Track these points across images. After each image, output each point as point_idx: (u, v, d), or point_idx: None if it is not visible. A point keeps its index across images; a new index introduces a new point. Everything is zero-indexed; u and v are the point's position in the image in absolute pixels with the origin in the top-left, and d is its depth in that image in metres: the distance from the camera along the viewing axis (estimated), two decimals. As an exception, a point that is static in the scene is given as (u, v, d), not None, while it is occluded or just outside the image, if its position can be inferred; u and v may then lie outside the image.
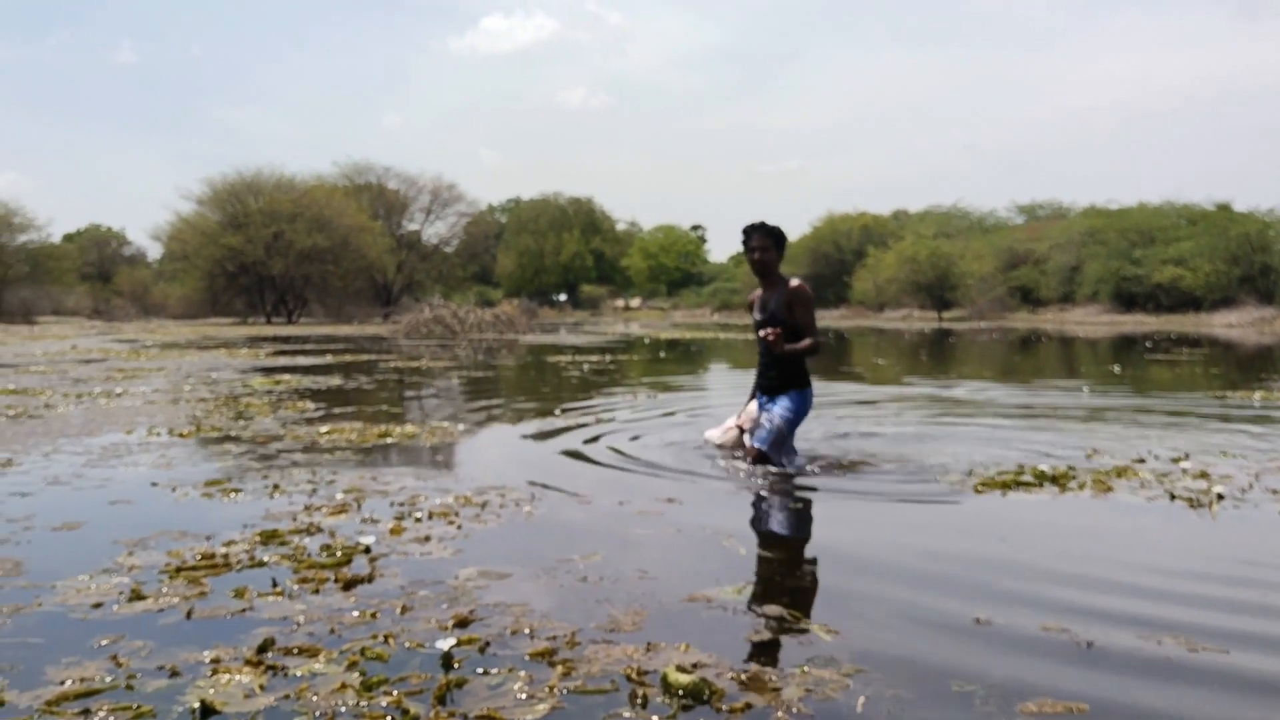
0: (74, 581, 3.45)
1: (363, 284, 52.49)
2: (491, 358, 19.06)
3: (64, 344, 23.48)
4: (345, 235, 48.13)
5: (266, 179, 49.60)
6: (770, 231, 5.91)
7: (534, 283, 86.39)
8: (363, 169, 58.48)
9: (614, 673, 2.61)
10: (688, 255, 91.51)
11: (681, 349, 22.85)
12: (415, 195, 59.28)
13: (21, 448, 6.74)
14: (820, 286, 64.58)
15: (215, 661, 2.67)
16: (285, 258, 46.64)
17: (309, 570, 3.56)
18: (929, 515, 4.70)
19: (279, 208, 47.45)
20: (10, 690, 2.45)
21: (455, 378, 13.82)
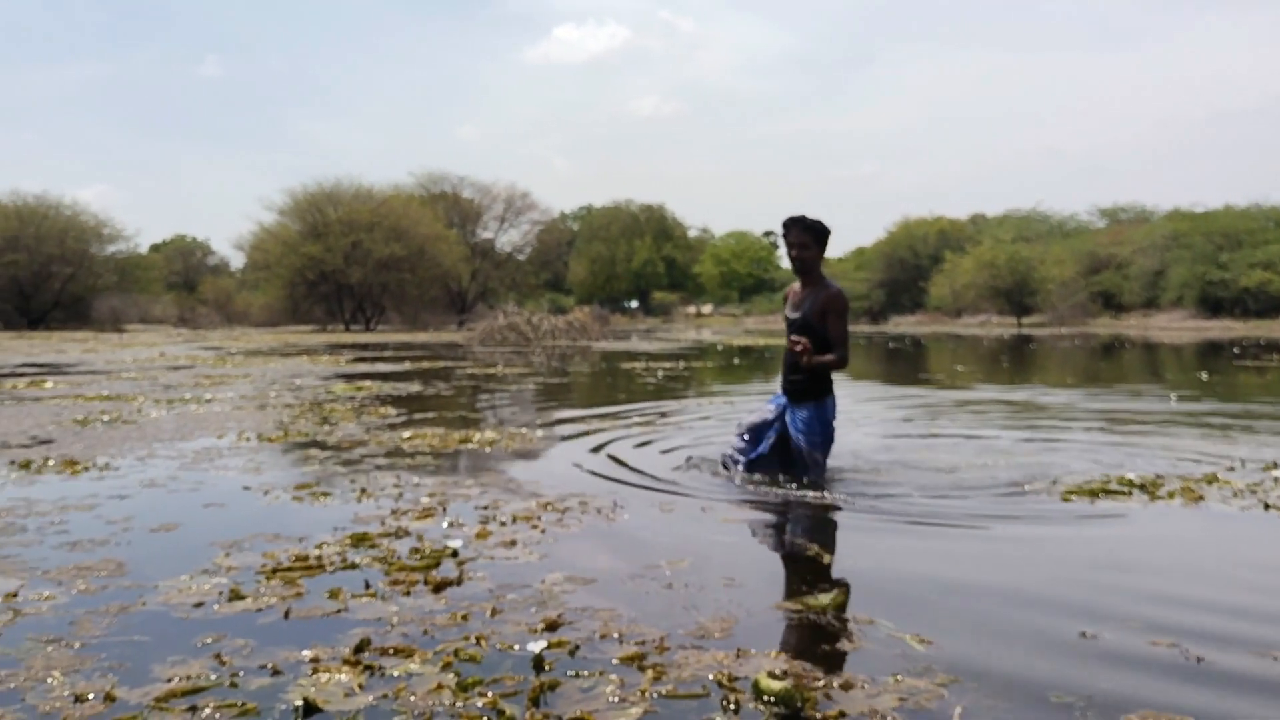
0: (175, 581, 3.56)
1: (438, 292, 53.21)
2: (566, 364, 19.20)
3: (152, 351, 24.20)
4: (421, 244, 48.85)
5: (345, 189, 50.60)
6: (810, 227, 5.50)
7: (606, 289, 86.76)
8: (438, 178, 59.38)
9: (704, 678, 2.61)
10: (760, 261, 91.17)
11: (755, 356, 22.77)
12: (489, 204, 60.00)
13: (118, 452, 6.97)
14: (895, 292, 63.92)
15: (314, 660, 2.73)
16: (363, 266, 47.49)
17: (400, 572, 3.63)
18: (1020, 527, 4.62)
19: (357, 217, 48.35)
20: (120, 687, 2.54)
21: (531, 384, 13.95)
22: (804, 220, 5.52)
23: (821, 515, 4.71)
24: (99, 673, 2.65)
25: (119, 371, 16.19)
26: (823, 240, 5.55)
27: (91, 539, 4.28)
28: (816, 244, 5.53)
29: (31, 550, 4.08)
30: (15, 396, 11.43)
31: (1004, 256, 52.92)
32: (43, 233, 47.62)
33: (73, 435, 7.87)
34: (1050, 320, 49.62)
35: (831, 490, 5.29)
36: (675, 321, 70.53)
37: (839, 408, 5.70)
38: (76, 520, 4.71)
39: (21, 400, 10.94)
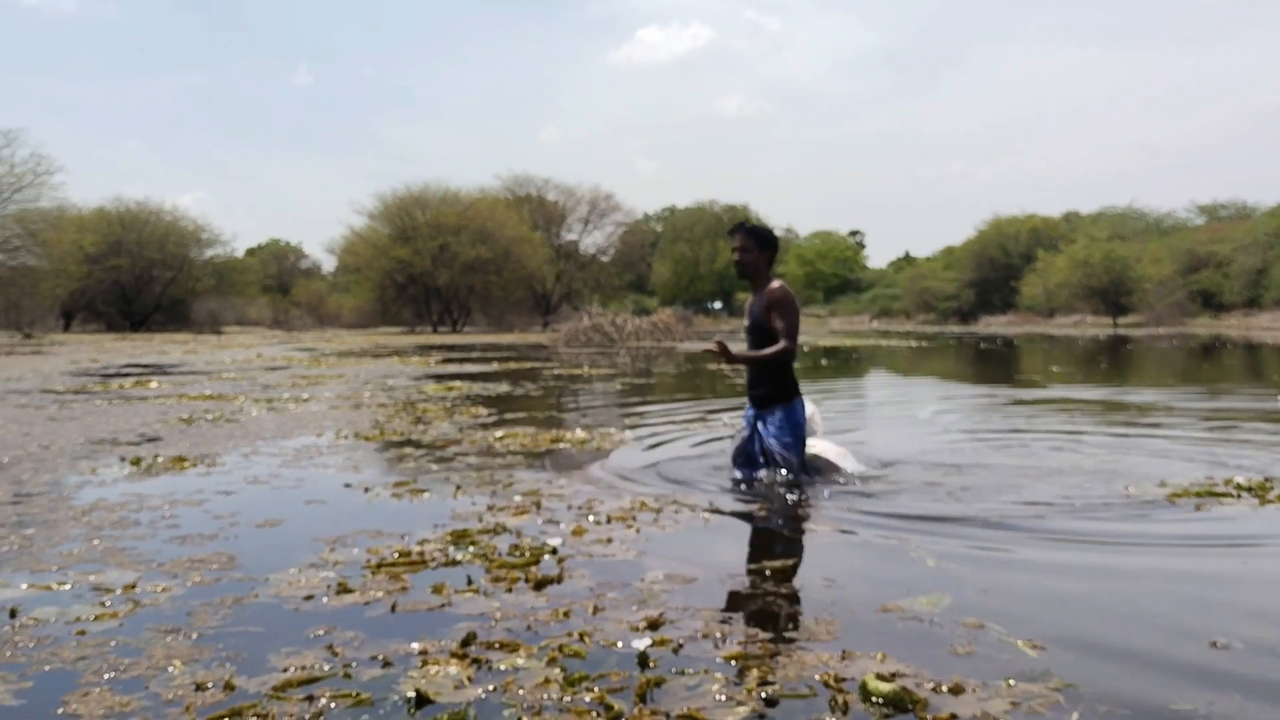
0: (284, 575, 3.66)
1: (523, 293, 53.76)
2: (651, 365, 19.24)
3: (249, 352, 24.89)
4: (507, 246, 49.41)
5: (433, 193, 51.42)
6: (752, 231, 5.56)
7: (689, 291, 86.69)
8: (523, 181, 59.96)
9: (810, 679, 2.59)
10: (845, 261, 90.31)
11: (842, 357, 22.54)
12: (574, 206, 60.39)
13: (223, 449, 7.18)
14: (986, 292, 62.68)
15: (423, 653, 2.78)
16: (450, 269, 48.21)
17: (500, 569, 3.67)
18: (1129, 527, 4.49)
19: (445, 220, 49.11)
20: (239, 676, 2.61)
21: (618, 385, 14.00)
22: (745, 225, 5.62)
23: (919, 521, 4.63)
24: (217, 662, 2.73)
25: (219, 372, 16.69)
26: (766, 244, 5.56)
27: (201, 533, 4.41)
28: (759, 248, 5.53)
29: (146, 544, 4.22)
30: (123, 396, 11.85)
31: (1099, 255, 51.54)
32: (144, 238, 49.28)
33: (179, 433, 8.14)
34: (1147, 320, 48.17)
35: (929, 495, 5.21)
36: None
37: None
38: (186, 515, 4.86)
39: (129, 400, 11.34)
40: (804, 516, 4.68)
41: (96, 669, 2.68)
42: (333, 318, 57.81)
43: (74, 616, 3.16)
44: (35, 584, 3.55)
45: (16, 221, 37.33)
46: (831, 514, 4.71)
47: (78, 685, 2.56)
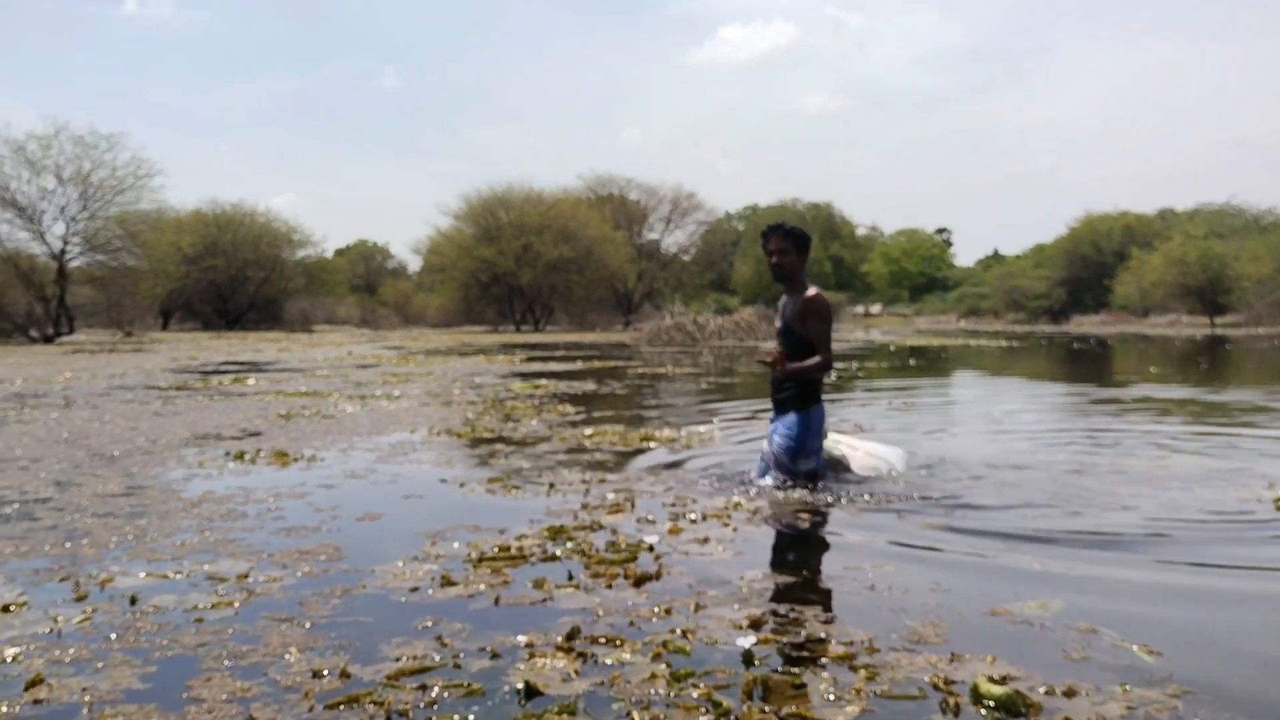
0: (389, 567, 3.73)
1: (605, 293, 53.96)
2: (735, 364, 19.17)
3: (340, 350, 25.42)
4: (589, 246, 49.64)
5: (517, 193, 51.90)
6: (789, 233, 5.40)
7: (770, 290, 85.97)
8: (605, 181, 60.17)
9: (919, 680, 2.56)
10: (932, 260, 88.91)
11: (930, 356, 22.21)
12: (655, 205, 60.42)
13: (321, 445, 7.35)
14: (1077, 290, 61.12)
15: (529, 646, 2.81)
16: (533, 268, 48.61)
17: (599, 565, 3.70)
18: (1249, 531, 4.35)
19: (528, 220, 49.53)
20: (353, 664, 2.68)
21: (704, 383, 13.99)
22: (783, 227, 5.46)
23: (1023, 524, 4.54)
24: (331, 650, 2.80)
25: (312, 369, 17.08)
26: (804, 246, 5.44)
27: (305, 525, 4.53)
28: (796, 250, 5.41)
29: (254, 535, 4.35)
30: (223, 392, 12.20)
31: (1195, 253, 49.87)
32: (239, 239, 50.58)
33: (279, 429, 8.35)
34: (1246, 320, 46.44)
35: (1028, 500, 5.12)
36: (842, 322, 69.35)
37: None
38: (290, 508, 4.99)
39: (229, 396, 11.68)
40: (903, 520, 4.61)
41: (216, 655, 2.77)
42: (418, 317, 58.69)
43: (191, 604, 3.27)
44: (153, 572, 3.69)
45: (118, 223, 38.51)
46: (937, 518, 4.65)
47: (199, 671, 2.65)
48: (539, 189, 52.98)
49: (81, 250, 37.67)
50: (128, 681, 2.58)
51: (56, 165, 36.36)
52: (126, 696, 2.48)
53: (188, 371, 16.73)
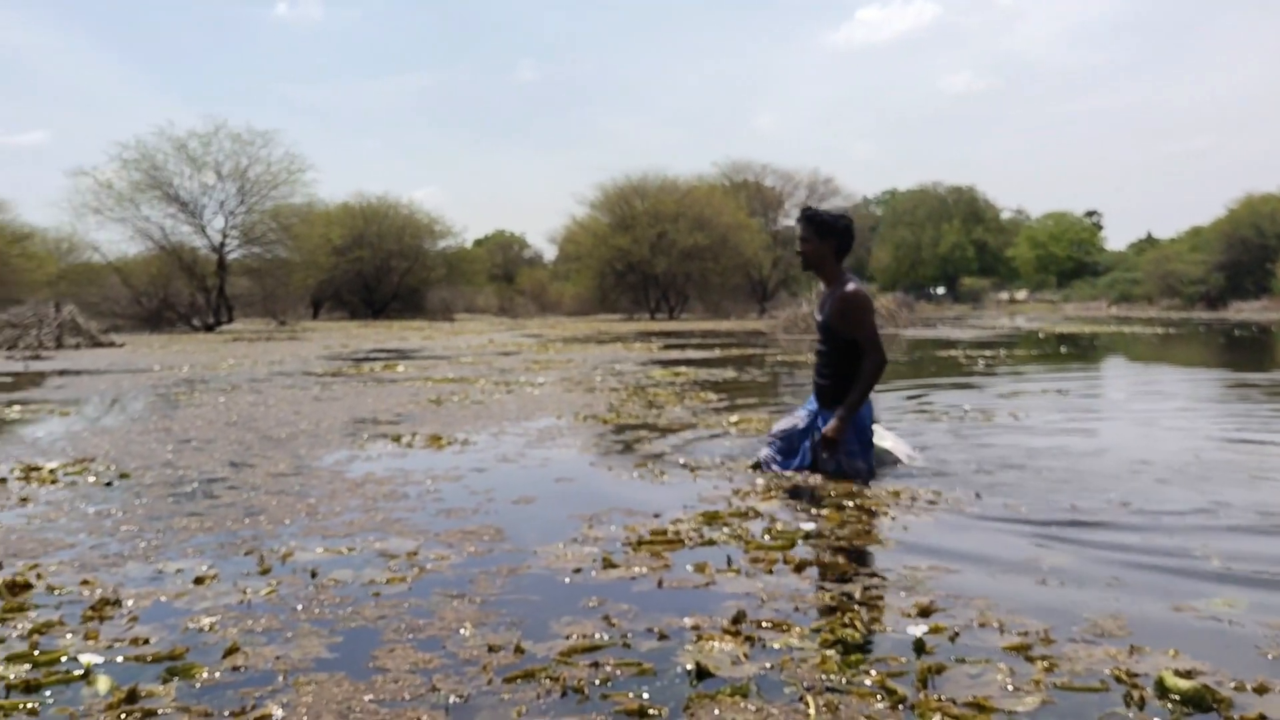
0: (551, 548, 3.81)
1: (739, 280, 53.79)
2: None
3: (481, 338, 26.02)
4: (724, 233, 49.55)
5: (652, 181, 52.16)
6: (811, 219, 5.14)
7: (910, 276, 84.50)
8: (740, 167, 59.96)
9: (1100, 673, 2.48)
10: (1081, 244, 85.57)
11: (1082, 344, 21.39)
12: (791, 191, 59.90)
13: (473, 429, 7.54)
14: (1237, 275, 57.91)
15: (695, 628, 2.83)
16: (668, 256, 48.82)
17: (758, 551, 3.70)
18: None
19: (663, 209, 49.75)
20: (526, 640, 2.75)
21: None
22: (806, 212, 5.21)
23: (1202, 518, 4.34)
24: (504, 626, 2.88)
25: (456, 356, 17.53)
26: (826, 233, 5.15)
27: (463, 507, 4.65)
28: (818, 237, 5.15)
29: (417, 515, 4.49)
30: (375, 379, 12.64)
31: (1370, 234, 46.68)
32: (384, 230, 52.28)
33: (431, 413, 8.61)
34: None
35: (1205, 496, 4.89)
36: (986, 308, 67.43)
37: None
38: (448, 490, 5.13)
39: (381, 382, 12.09)
40: (1078, 510, 4.47)
41: (396, 628, 2.88)
42: (554, 305, 59.65)
43: (367, 579, 3.41)
44: (329, 548, 3.85)
45: (272, 217, 40.31)
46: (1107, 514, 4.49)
47: (382, 642, 2.76)
48: (674, 177, 53.14)
49: (239, 243, 39.54)
50: (316, 651, 2.70)
51: (216, 162, 38.28)
52: (317, 665, 2.60)
53: (340, 358, 17.39)
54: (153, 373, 14.23)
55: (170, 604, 3.15)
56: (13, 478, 5.52)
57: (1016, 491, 4.86)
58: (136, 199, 36.90)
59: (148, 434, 7.37)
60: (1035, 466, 5.60)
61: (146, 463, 6.00)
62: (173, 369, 14.95)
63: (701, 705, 2.31)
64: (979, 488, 4.91)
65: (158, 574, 3.52)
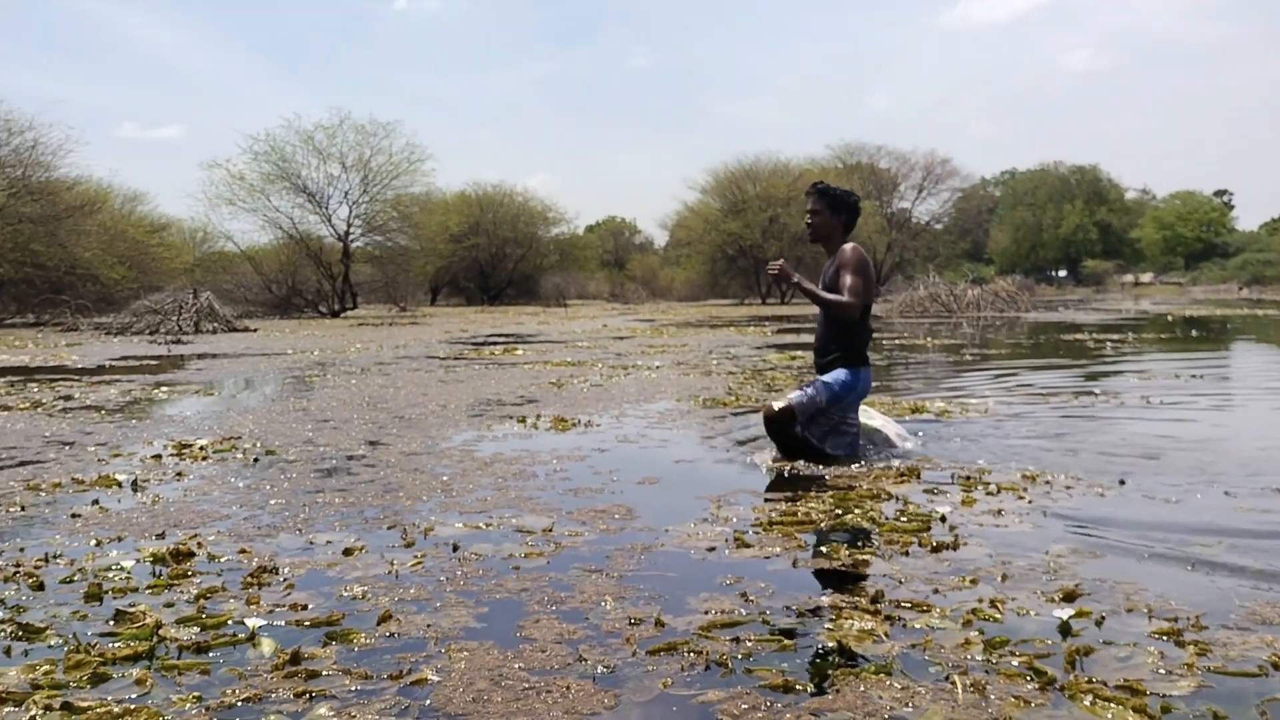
0: (682, 527, 3.86)
1: (854, 264, 53.01)
2: (996, 335, 18.42)
3: (595, 323, 26.26)
4: (837, 216, 48.87)
5: (763, 165, 51.81)
6: (824, 193, 5.34)
7: (1030, 258, 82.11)
8: (854, 149, 59.05)
9: (1257, 659, 2.41)
10: (1210, 224, 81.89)
11: (1214, 327, 20.52)
12: (906, 173, 58.80)
13: (595, 411, 7.64)
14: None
15: (834, 607, 2.84)
16: (780, 240, 48.40)
17: (892, 533, 3.68)
18: None
19: (775, 192, 49.36)
20: (666, 615, 2.79)
21: (966, 355, 13.53)
22: (818, 186, 5.42)
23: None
24: (643, 601, 2.94)
25: (572, 341, 17.74)
26: (838, 208, 5.37)
27: (589, 487, 4.73)
28: (830, 211, 5.36)
29: (547, 494, 4.59)
30: (497, 362, 12.90)
31: None
32: (499, 218, 53.10)
33: (553, 395, 8.75)
34: None
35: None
36: (1109, 291, 65.12)
37: None
38: (573, 469, 5.22)
39: (503, 365, 12.33)
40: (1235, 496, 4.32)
41: (539, 600, 2.96)
42: (665, 290, 59.72)
43: (507, 553, 3.50)
44: (467, 524, 3.97)
45: (393, 206, 41.34)
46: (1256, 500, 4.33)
47: (526, 613, 2.84)
48: (786, 160, 52.65)
49: (362, 231, 40.63)
50: (465, 620, 2.80)
51: (341, 153, 39.40)
52: (466, 634, 2.69)
53: (461, 343, 17.77)
54: (286, 356, 14.78)
55: (323, 573, 3.30)
56: (167, 454, 5.82)
57: (1156, 477, 4.72)
58: (266, 189, 38.28)
59: (288, 414, 7.67)
60: (1173, 452, 5.43)
61: (289, 440, 6.26)
62: (304, 353, 15.50)
63: (845, 681, 2.32)
64: (1116, 473, 4.78)
65: (309, 545, 3.68)
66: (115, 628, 2.74)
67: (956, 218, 63.17)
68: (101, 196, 36.52)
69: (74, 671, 2.43)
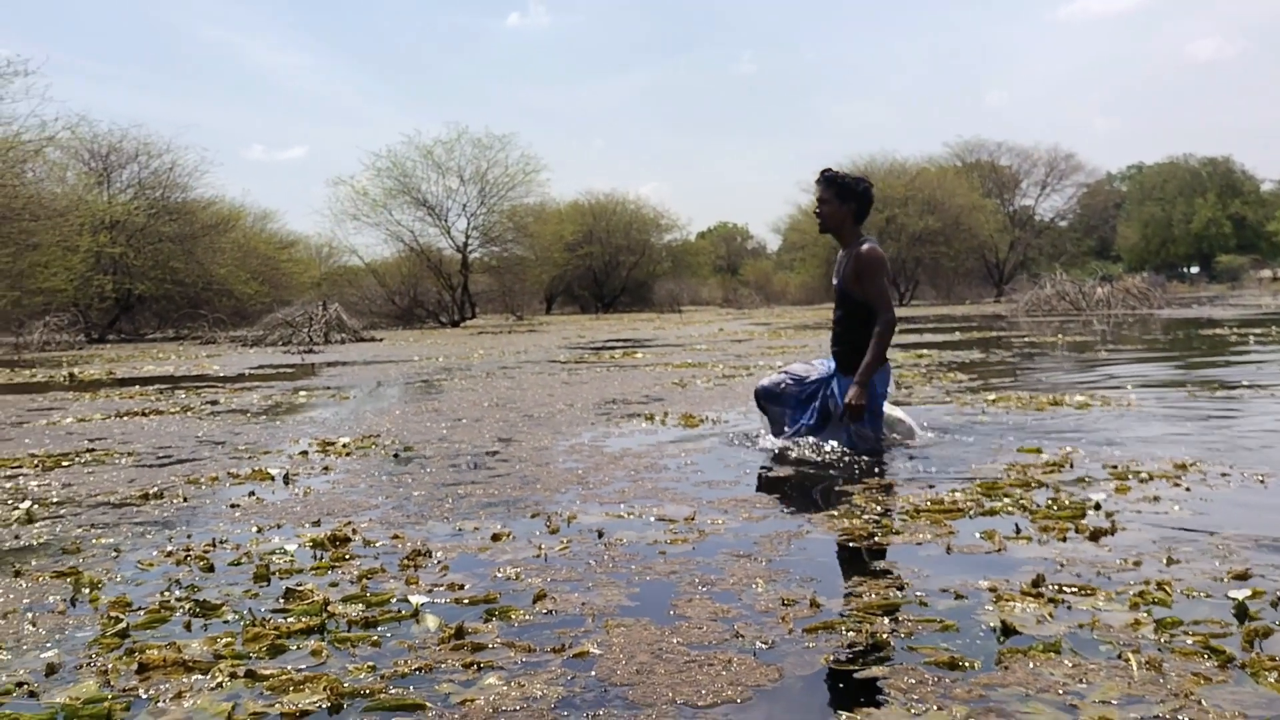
0: (825, 516, 3.82)
1: (973, 264, 51.92)
2: (1133, 331, 17.76)
3: (711, 327, 26.24)
4: (956, 215, 47.96)
5: (879, 165, 51.08)
6: (831, 181, 5.17)
7: (1160, 255, 78.94)
8: (973, 147, 57.77)
9: None
10: (1357, 215, 77.46)
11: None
12: (1029, 169, 57.21)
13: (721, 408, 7.64)
14: None
15: (992, 590, 2.78)
16: (897, 241, 47.71)
17: (1045, 520, 3.59)
18: None
19: (891, 192, 48.61)
20: (819, 596, 2.77)
21: (1101, 351, 13.08)
22: (827, 173, 5.26)
23: None
24: (795, 584, 2.92)
25: (690, 344, 17.77)
26: (847, 196, 5.21)
27: (724, 479, 4.72)
28: (838, 200, 5.21)
29: (681, 485, 4.60)
30: (617, 365, 13.00)
31: None
32: (612, 226, 53.54)
33: (677, 394, 8.78)
34: None
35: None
36: (1246, 287, 62.10)
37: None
38: (705, 462, 5.23)
39: (623, 368, 12.43)
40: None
41: (690, 582, 2.97)
42: (778, 295, 59.37)
43: (651, 539, 3.53)
44: (609, 513, 4.01)
45: (509, 218, 42.09)
46: None
47: (679, 593, 2.86)
48: (902, 159, 51.82)
49: (480, 243, 41.48)
50: (618, 599, 2.83)
51: (459, 166, 40.34)
52: (621, 611, 2.72)
53: (580, 348, 17.97)
54: (413, 363, 15.17)
55: (474, 556, 3.38)
56: (313, 450, 6.03)
57: None
58: (388, 204, 39.41)
59: (422, 414, 7.87)
60: None
61: (425, 438, 6.42)
62: (430, 359, 15.88)
63: (1014, 659, 2.27)
64: (1275, 462, 4.57)
65: (458, 531, 3.77)
66: (286, 605, 2.85)
67: (1082, 214, 61.22)
68: (235, 215, 38.11)
69: (252, 644, 2.53)
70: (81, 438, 7.08)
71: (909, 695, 2.09)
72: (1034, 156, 56.89)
